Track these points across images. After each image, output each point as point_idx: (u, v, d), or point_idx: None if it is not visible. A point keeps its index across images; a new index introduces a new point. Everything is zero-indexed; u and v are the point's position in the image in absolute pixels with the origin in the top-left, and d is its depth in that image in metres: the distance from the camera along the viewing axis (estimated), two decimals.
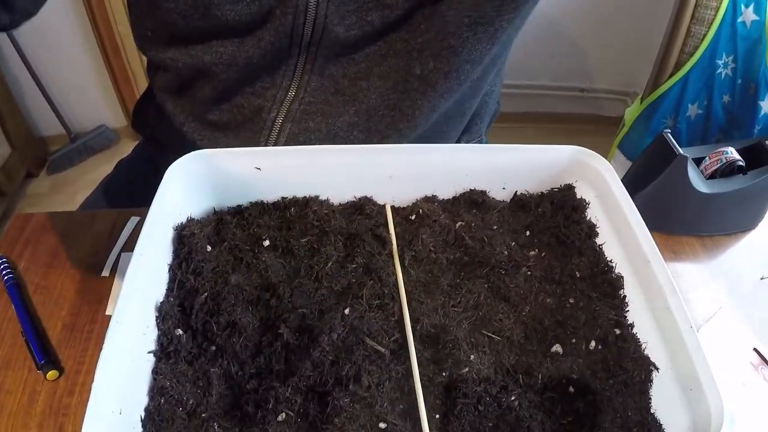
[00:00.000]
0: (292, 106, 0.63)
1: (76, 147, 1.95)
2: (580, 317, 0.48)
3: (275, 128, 0.63)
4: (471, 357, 0.44)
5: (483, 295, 0.49)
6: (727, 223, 0.64)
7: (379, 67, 0.61)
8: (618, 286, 0.49)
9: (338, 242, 0.52)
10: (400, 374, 0.44)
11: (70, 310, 0.54)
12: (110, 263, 0.58)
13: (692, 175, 0.60)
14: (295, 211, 0.54)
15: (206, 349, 0.44)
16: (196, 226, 0.50)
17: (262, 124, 0.63)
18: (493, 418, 0.42)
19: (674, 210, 0.62)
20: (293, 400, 0.41)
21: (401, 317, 0.47)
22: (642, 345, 0.45)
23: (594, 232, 0.53)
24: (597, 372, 0.44)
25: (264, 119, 0.63)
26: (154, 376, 0.42)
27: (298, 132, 0.64)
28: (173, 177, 0.50)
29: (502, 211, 0.56)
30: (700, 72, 1.34)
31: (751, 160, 0.62)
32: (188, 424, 0.40)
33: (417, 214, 0.55)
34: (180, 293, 0.46)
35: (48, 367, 0.48)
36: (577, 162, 0.55)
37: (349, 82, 0.62)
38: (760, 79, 1.30)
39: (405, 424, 0.41)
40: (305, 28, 0.57)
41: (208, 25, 0.58)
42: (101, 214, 0.64)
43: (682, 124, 1.42)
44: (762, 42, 1.27)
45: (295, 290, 0.48)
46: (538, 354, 0.46)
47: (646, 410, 0.42)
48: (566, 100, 1.96)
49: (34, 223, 0.63)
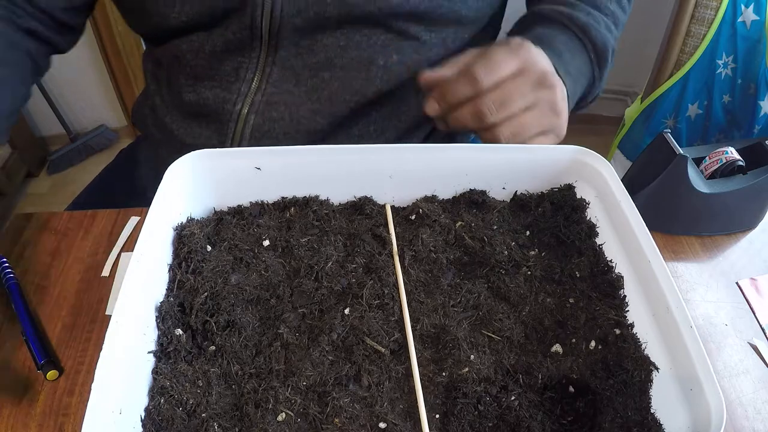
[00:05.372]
0: (255, 98, 0.64)
1: (76, 147, 1.95)
2: (580, 317, 0.48)
3: (240, 120, 0.65)
4: (471, 357, 0.44)
5: (483, 295, 0.49)
6: (727, 223, 0.64)
7: (340, 58, 0.63)
8: (618, 286, 0.49)
9: (338, 242, 0.52)
10: (400, 374, 0.44)
11: (70, 310, 0.54)
12: (110, 263, 0.58)
13: (692, 175, 0.60)
14: (295, 211, 0.55)
15: (206, 348, 0.44)
16: (196, 226, 0.50)
17: (228, 116, 0.66)
18: (493, 418, 0.42)
19: (674, 210, 0.62)
20: (293, 400, 0.41)
21: (401, 317, 0.47)
22: (642, 345, 0.45)
23: (594, 232, 0.53)
24: (597, 372, 0.44)
25: (229, 111, 0.65)
26: (154, 376, 0.42)
27: (262, 122, 0.65)
28: (173, 177, 0.50)
29: (502, 211, 0.56)
30: (700, 72, 1.34)
31: (751, 160, 0.62)
32: (188, 424, 0.40)
33: (417, 214, 0.55)
34: (180, 293, 0.46)
35: (48, 367, 0.48)
36: (577, 162, 0.55)
37: (310, 73, 0.64)
38: (760, 79, 1.30)
39: (405, 424, 0.41)
40: (263, 20, 0.59)
41: (179, 22, 0.61)
42: (101, 214, 0.64)
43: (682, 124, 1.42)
44: (762, 42, 1.27)
45: (295, 290, 0.48)
46: (538, 354, 0.46)
47: (646, 410, 0.42)
48: None
49: (34, 223, 0.63)
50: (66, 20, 0.66)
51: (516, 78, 0.49)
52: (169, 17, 0.61)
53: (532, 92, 0.50)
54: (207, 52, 0.63)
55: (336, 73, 0.63)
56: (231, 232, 0.51)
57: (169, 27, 0.63)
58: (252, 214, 0.54)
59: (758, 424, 0.48)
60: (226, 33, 0.62)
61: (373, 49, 0.62)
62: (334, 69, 0.63)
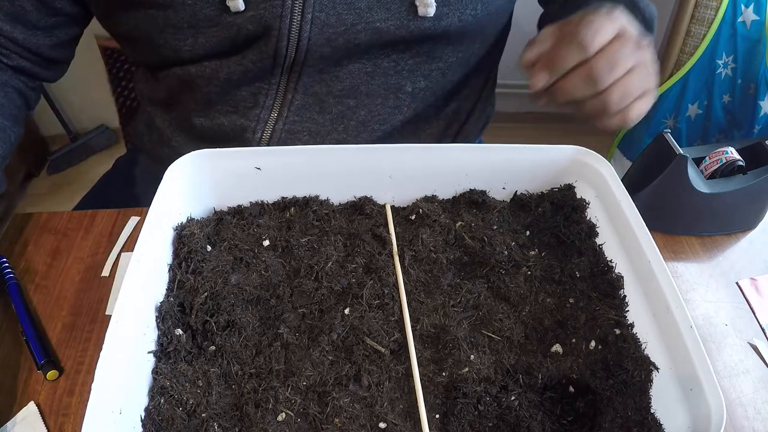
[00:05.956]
0: (277, 126, 0.63)
1: (76, 147, 1.95)
2: (580, 317, 0.48)
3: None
4: (471, 357, 0.44)
5: (483, 295, 0.49)
6: (727, 223, 0.64)
7: (366, 85, 0.61)
8: (618, 286, 0.49)
9: (338, 242, 0.52)
10: (400, 374, 0.44)
11: (70, 310, 0.54)
12: (110, 263, 0.58)
13: (692, 175, 0.60)
14: (295, 211, 0.55)
15: (206, 348, 0.44)
16: (196, 226, 0.50)
17: (247, 144, 0.63)
18: (493, 418, 0.42)
19: (674, 210, 0.62)
20: (293, 400, 0.41)
21: (401, 317, 0.47)
22: (642, 345, 0.45)
23: (594, 232, 0.53)
24: (597, 372, 0.44)
25: (249, 139, 0.63)
26: (154, 376, 0.42)
27: None
28: (173, 177, 0.50)
29: (502, 211, 0.56)
30: (700, 72, 1.34)
31: (751, 160, 0.62)
32: (188, 424, 0.40)
33: (417, 214, 0.55)
34: (180, 293, 0.46)
35: (48, 367, 0.48)
36: (577, 162, 0.55)
37: (335, 100, 0.62)
38: (760, 79, 1.30)
39: (405, 424, 0.41)
40: (288, 50, 0.57)
41: (194, 54, 0.58)
42: (101, 214, 0.64)
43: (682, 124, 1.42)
44: (762, 42, 1.27)
45: (295, 290, 0.48)
46: (538, 354, 0.46)
47: (646, 410, 0.42)
48: None
49: (34, 223, 0.63)
50: (54, 56, 0.63)
51: (617, 42, 0.49)
52: (180, 50, 0.58)
53: (632, 55, 0.49)
54: (222, 80, 0.60)
55: (362, 100, 0.62)
56: (231, 232, 0.51)
57: (179, 58, 0.59)
58: (252, 214, 0.54)
59: (758, 424, 0.48)
60: (244, 61, 0.58)
61: (401, 75, 0.61)
62: (360, 96, 0.61)
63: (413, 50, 0.60)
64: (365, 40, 0.57)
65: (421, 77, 0.62)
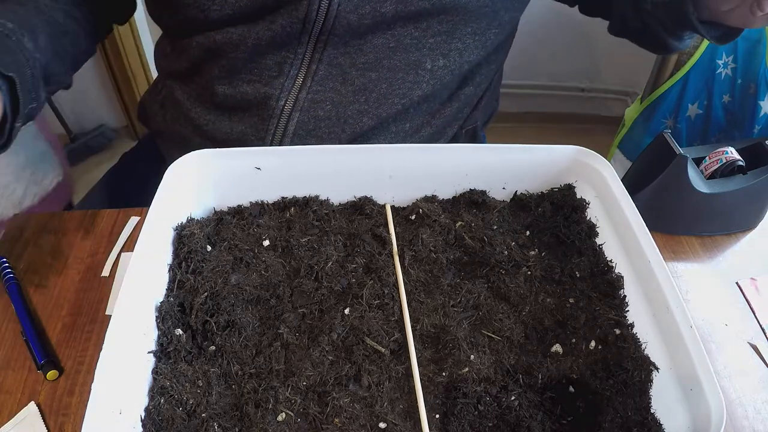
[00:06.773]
0: (300, 95, 0.63)
1: (76, 147, 1.95)
2: (580, 317, 0.48)
3: (284, 116, 0.64)
4: (471, 357, 0.44)
5: (483, 295, 0.49)
6: (727, 223, 0.64)
7: (388, 59, 0.62)
8: (618, 286, 0.49)
9: (338, 242, 0.52)
10: (400, 374, 0.44)
11: (70, 310, 0.54)
12: (110, 263, 0.58)
13: (692, 175, 0.60)
14: (295, 211, 0.55)
15: (206, 348, 0.44)
16: (196, 226, 0.50)
17: (271, 112, 0.64)
18: (493, 418, 0.42)
19: (674, 210, 0.62)
20: (293, 400, 0.41)
21: (401, 317, 0.47)
22: (642, 345, 0.45)
23: (594, 232, 0.53)
24: (597, 372, 0.44)
25: (272, 107, 0.64)
26: (154, 376, 0.42)
27: (307, 120, 0.64)
28: (173, 177, 0.50)
29: (502, 211, 0.56)
30: (700, 72, 1.34)
31: (751, 160, 0.62)
32: (188, 424, 0.40)
33: (417, 214, 0.55)
34: (180, 293, 0.46)
35: (48, 367, 0.48)
36: (577, 162, 0.55)
37: (358, 72, 0.63)
38: (760, 79, 1.30)
39: (405, 424, 0.41)
40: (318, 14, 0.58)
41: (223, 15, 0.59)
42: (101, 214, 0.64)
43: (682, 124, 1.42)
44: (762, 42, 1.27)
45: (295, 290, 0.48)
46: (538, 354, 0.46)
47: (646, 410, 0.42)
48: (566, 100, 1.95)
49: (34, 223, 0.63)
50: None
51: None
52: (209, 9, 0.58)
53: None
54: (250, 46, 0.61)
55: (383, 74, 0.63)
56: (231, 232, 0.51)
57: (206, 20, 0.60)
58: (252, 214, 0.54)
59: (758, 424, 0.48)
60: (273, 26, 0.59)
61: (421, 52, 0.62)
62: (382, 70, 0.63)
63: (434, 28, 0.61)
64: (391, 9, 0.58)
65: (441, 56, 0.64)
